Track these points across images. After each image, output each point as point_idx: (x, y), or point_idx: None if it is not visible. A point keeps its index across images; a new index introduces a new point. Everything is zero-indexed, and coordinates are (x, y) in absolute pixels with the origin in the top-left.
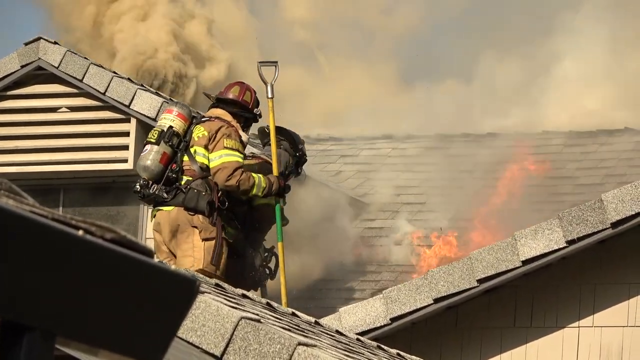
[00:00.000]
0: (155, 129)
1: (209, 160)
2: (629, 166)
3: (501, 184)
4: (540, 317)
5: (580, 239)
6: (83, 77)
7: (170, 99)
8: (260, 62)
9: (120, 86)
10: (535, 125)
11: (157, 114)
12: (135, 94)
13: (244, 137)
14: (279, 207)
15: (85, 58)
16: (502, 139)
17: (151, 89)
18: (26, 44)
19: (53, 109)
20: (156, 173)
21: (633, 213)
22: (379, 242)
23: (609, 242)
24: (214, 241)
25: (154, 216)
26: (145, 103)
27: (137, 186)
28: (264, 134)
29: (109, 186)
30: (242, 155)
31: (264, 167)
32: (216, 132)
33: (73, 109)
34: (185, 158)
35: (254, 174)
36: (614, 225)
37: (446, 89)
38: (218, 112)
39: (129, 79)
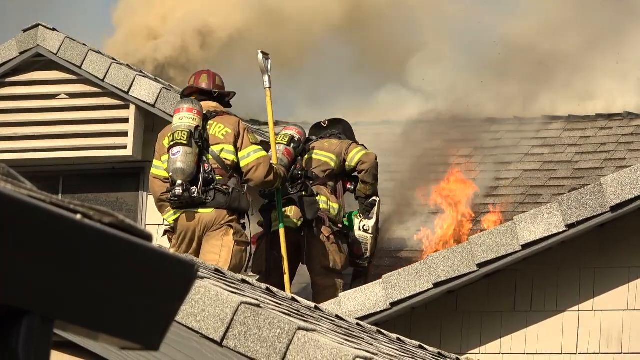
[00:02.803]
0: (180, 129)
1: (237, 157)
2: (629, 150)
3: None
4: (540, 301)
5: (579, 222)
6: (82, 64)
7: (170, 85)
8: (262, 52)
9: (119, 72)
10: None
11: (156, 101)
12: (134, 80)
13: None
14: (280, 193)
15: (83, 44)
16: (501, 123)
17: (150, 75)
18: (25, 31)
19: (52, 96)
20: (191, 174)
21: (632, 197)
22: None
23: (609, 226)
24: (243, 246)
25: (175, 220)
26: (144, 89)
27: (178, 191)
28: (320, 128)
29: (109, 173)
30: None
31: None
32: (238, 128)
33: (72, 95)
34: (209, 157)
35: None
36: (614, 209)
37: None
38: (211, 104)
39: (127, 65)
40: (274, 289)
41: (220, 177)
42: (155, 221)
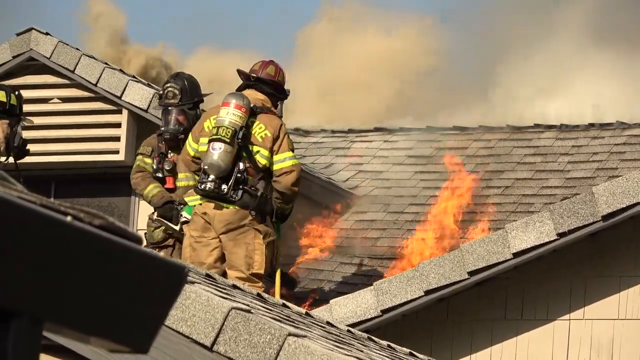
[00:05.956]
0: (225, 125)
1: (270, 161)
2: (620, 160)
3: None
4: (531, 310)
5: (571, 231)
6: (75, 68)
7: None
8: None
9: (112, 77)
10: (527, 118)
11: (149, 106)
12: (127, 85)
13: None
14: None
15: (77, 49)
16: (494, 132)
17: (143, 80)
18: (18, 35)
19: (44, 100)
20: (225, 171)
21: (624, 206)
22: (370, 234)
23: (600, 235)
24: (271, 244)
25: (192, 206)
26: (137, 94)
27: (209, 186)
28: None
29: (101, 177)
30: None
31: None
32: (279, 132)
33: (65, 100)
34: (244, 155)
35: None
36: (605, 218)
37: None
38: (260, 96)
39: (120, 70)
40: (265, 295)
41: (251, 177)
42: (146, 226)
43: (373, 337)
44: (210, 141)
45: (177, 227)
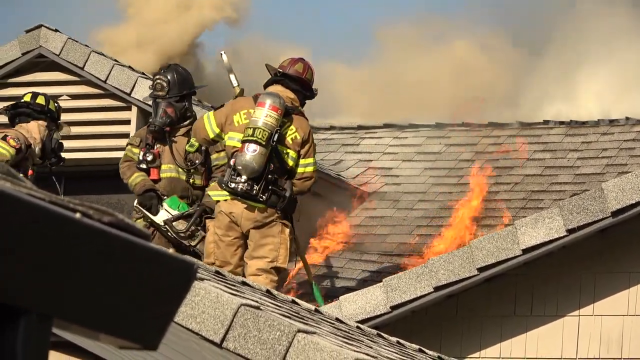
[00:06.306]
0: (260, 127)
1: (296, 162)
2: (630, 156)
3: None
4: (540, 306)
5: (580, 227)
6: (84, 65)
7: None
8: (223, 52)
9: (121, 74)
10: (536, 114)
11: None
12: (136, 82)
13: None
14: None
15: (86, 46)
16: (503, 128)
17: (152, 77)
18: (27, 32)
19: (54, 97)
20: (258, 172)
21: (633, 202)
22: (379, 230)
23: (610, 231)
24: (292, 239)
25: (216, 201)
26: (147, 91)
27: (241, 187)
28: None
29: (110, 174)
30: None
31: None
32: (308, 136)
33: (74, 96)
34: (273, 155)
35: None
36: (615, 214)
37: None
38: (290, 94)
39: (129, 67)
40: (274, 292)
41: (277, 177)
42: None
43: (382, 334)
44: (244, 141)
45: (154, 218)
